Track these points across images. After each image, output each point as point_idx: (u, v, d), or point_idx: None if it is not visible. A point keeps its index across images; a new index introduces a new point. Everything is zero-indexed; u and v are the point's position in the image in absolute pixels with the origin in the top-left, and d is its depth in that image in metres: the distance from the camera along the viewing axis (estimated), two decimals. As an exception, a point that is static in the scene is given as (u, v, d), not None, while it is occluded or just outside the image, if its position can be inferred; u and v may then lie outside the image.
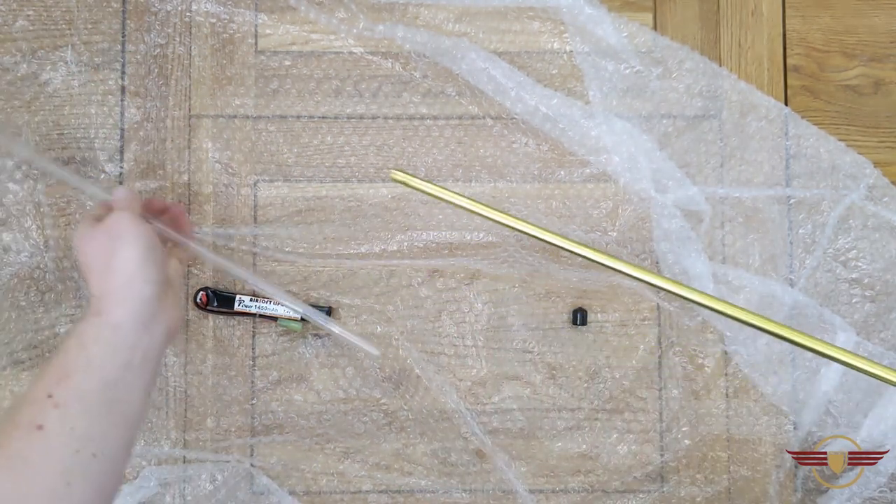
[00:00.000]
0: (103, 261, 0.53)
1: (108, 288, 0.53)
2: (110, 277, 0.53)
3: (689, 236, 0.73)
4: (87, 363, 0.49)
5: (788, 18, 0.77)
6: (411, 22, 0.75)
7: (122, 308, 0.52)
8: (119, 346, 0.51)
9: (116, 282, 0.53)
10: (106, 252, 0.53)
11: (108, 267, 0.53)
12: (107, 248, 0.54)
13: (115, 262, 0.53)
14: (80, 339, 0.50)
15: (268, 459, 0.73)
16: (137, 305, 0.52)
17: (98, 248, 0.54)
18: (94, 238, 0.54)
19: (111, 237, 0.54)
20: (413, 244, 0.74)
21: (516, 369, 0.75)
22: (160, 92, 0.74)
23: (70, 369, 0.48)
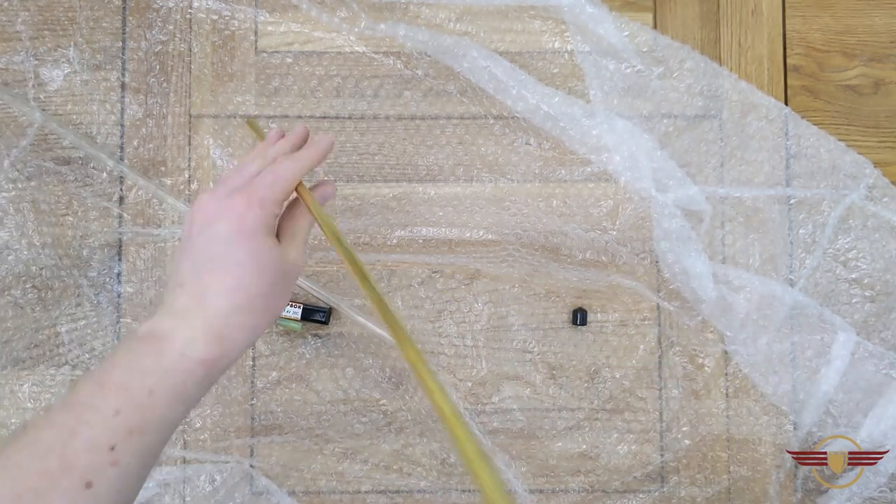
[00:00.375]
0: (234, 273, 0.45)
1: (216, 312, 0.44)
2: (224, 298, 0.44)
3: (689, 236, 0.73)
4: (162, 417, 0.41)
5: (788, 18, 0.78)
6: (413, 21, 0.75)
7: (220, 348, 0.43)
8: (203, 390, 0.44)
9: (226, 307, 0.44)
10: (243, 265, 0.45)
11: (229, 286, 0.44)
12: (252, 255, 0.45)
13: (247, 259, 0.45)
14: (167, 378, 0.41)
15: (267, 460, 0.73)
16: (241, 348, 0.45)
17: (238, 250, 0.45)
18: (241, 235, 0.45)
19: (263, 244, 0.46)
20: (413, 241, 0.74)
21: (516, 369, 0.75)
22: (161, 89, 0.74)
23: (144, 422, 0.40)
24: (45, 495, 0.37)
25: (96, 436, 0.39)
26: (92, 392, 0.40)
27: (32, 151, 0.73)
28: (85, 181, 0.73)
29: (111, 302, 0.73)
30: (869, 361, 0.73)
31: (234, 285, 0.44)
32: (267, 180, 0.48)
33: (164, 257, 0.74)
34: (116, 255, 0.74)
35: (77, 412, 0.39)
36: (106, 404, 0.40)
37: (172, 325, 0.43)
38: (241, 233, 0.45)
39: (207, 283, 0.44)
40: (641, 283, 0.74)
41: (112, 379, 0.41)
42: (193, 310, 0.44)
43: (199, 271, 0.45)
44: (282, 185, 0.48)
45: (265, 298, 0.45)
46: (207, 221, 0.46)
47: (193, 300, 0.44)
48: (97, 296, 0.73)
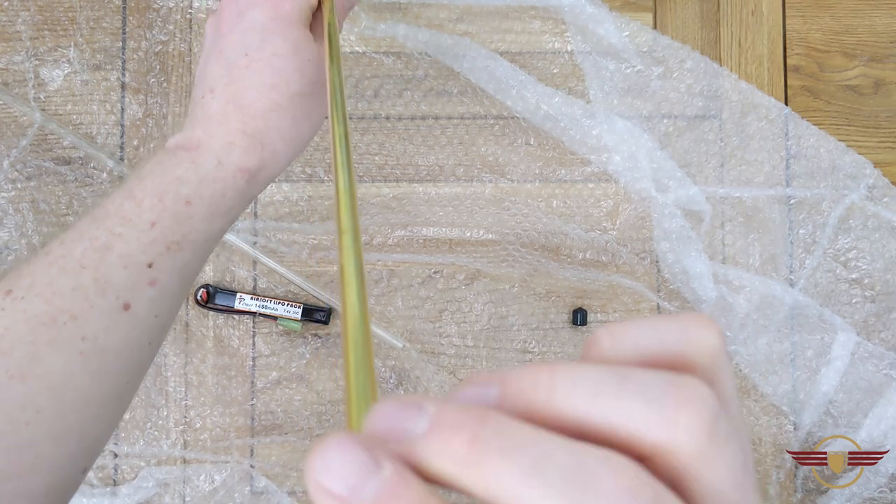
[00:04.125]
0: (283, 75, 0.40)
1: (254, 112, 0.39)
2: (263, 96, 0.39)
3: (689, 236, 0.73)
4: (202, 232, 0.37)
5: (788, 18, 0.78)
6: (413, 21, 0.75)
7: (260, 155, 0.39)
8: (245, 204, 0.40)
9: (264, 105, 0.39)
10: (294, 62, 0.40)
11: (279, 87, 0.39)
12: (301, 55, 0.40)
13: (287, 50, 0.40)
14: (205, 188, 0.37)
15: (267, 460, 0.73)
16: (283, 158, 0.41)
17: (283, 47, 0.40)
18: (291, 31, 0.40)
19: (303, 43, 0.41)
20: (413, 241, 0.74)
21: (516, 369, 0.75)
22: (161, 89, 0.74)
23: (185, 235, 0.36)
24: (81, 318, 0.33)
25: (132, 251, 0.35)
26: (122, 203, 0.36)
27: (32, 151, 0.73)
28: (85, 181, 0.73)
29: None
30: (869, 362, 0.73)
31: (273, 80, 0.39)
32: None
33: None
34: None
35: (109, 224, 0.35)
36: (140, 216, 0.36)
37: (206, 131, 0.39)
38: (279, 20, 0.40)
39: (243, 80, 0.40)
40: (641, 283, 0.74)
41: (145, 189, 0.37)
42: (229, 113, 0.39)
43: (232, 69, 0.40)
44: None
45: (305, 99, 0.41)
46: (240, 11, 0.41)
47: (228, 102, 0.39)
48: (97, 296, 0.73)
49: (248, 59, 0.40)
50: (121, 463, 0.72)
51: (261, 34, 0.40)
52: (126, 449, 0.72)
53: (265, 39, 0.40)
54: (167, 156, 0.38)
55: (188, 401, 0.73)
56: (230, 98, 0.39)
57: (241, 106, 0.39)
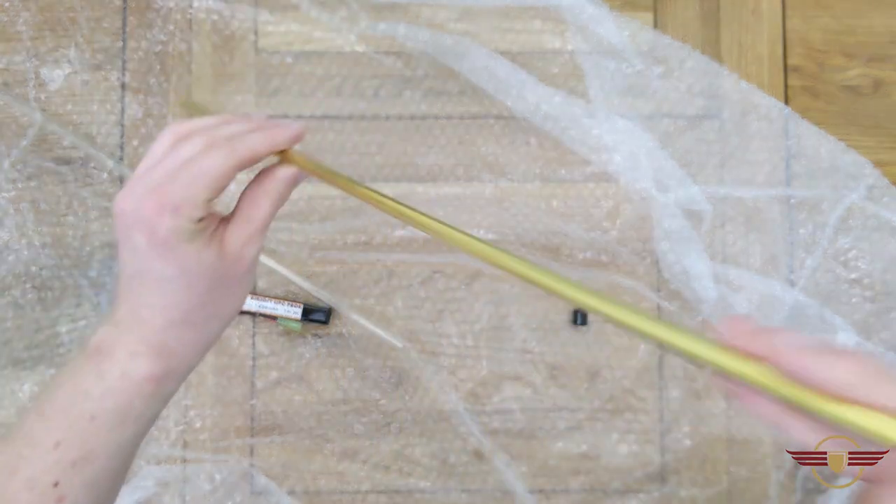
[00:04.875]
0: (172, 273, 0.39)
1: (153, 327, 0.39)
2: (158, 314, 0.39)
3: (689, 236, 0.73)
4: (110, 442, 0.38)
5: (788, 18, 0.78)
6: (413, 20, 0.75)
7: (164, 363, 0.40)
8: (157, 407, 0.41)
9: (161, 323, 0.39)
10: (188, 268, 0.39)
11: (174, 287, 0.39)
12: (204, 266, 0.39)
13: (166, 267, 0.39)
14: (110, 400, 0.38)
15: (267, 460, 0.73)
16: (190, 360, 0.41)
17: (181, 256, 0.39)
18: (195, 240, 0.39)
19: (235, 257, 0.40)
20: (413, 241, 0.74)
21: (517, 369, 0.75)
22: (161, 89, 0.74)
23: (91, 450, 0.37)
24: None
25: (36, 473, 0.36)
26: (33, 422, 0.38)
27: (32, 152, 0.73)
28: (85, 181, 0.73)
29: (111, 302, 0.73)
30: (869, 362, 0.73)
31: (163, 302, 0.39)
32: (185, 178, 0.39)
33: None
34: (116, 255, 0.74)
35: (18, 447, 0.37)
36: (47, 436, 0.37)
37: (115, 338, 0.39)
38: (157, 245, 0.38)
39: (140, 297, 0.40)
40: (642, 282, 0.74)
41: (54, 406, 0.38)
42: (132, 323, 0.40)
43: (130, 284, 0.40)
44: (204, 183, 0.39)
45: (203, 308, 0.41)
46: (126, 229, 0.39)
47: (131, 313, 0.40)
48: (97, 296, 0.73)
49: (140, 278, 0.39)
50: (121, 463, 0.72)
51: (143, 258, 0.39)
52: (126, 449, 0.72)
53: (150, 264, 0.39)
54: (83, 361, 0.39)
55: (188, 401, 0.73)
56: (132, 310, 0.40)
57: (140, 320, 0.39)
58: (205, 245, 0.39)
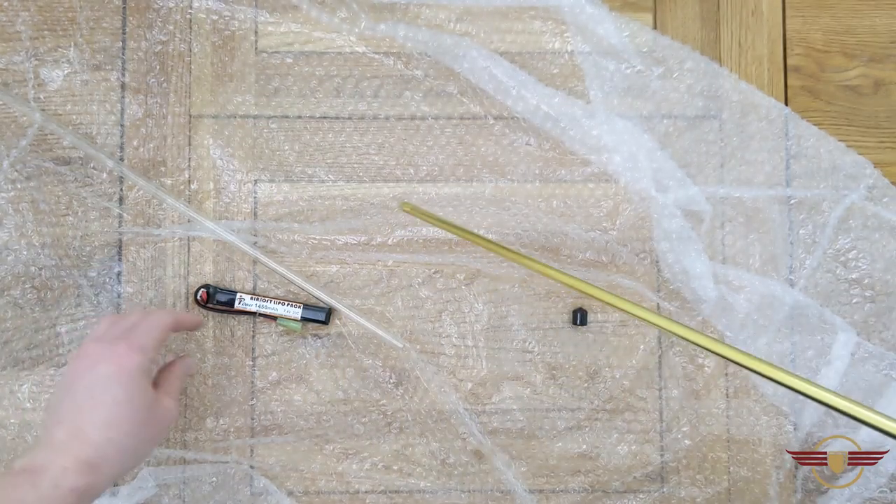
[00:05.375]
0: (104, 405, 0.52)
1: (91, 442, 0.50)
2: (100, 431, 0.50)
3: (689, 236, 0.73)
4: None
5: (788, 18, 0.78)
6: (413, 21, 0.75)
7: (92, 476, 0.49)
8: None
9: (100, 439, 0.50)
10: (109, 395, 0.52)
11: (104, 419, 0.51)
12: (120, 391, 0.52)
13: (129, 398, 0.52)
14: (58, 495, 0.47)
15: (267, 460, 0.73)
16: (112, 477, 0.51)
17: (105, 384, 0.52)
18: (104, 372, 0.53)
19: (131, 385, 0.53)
20: (413, 241, 0.74)
21: (516, 369, 0.75)
22: (161, 89, 0.74)
23: None
24: None
25: None
26: None
27: (32, 152, 0.73)
28: (85, 181, 0.73)
29: (111, 302, 0.73)
30: (869, 362, 0.73)
31: (109, 420, 0.51)
32: (143, 329, 0.57)
33: (164, 257, 0.74)
34: (116, 255, 0.74)
35: None
36: None
37: (48, 457, 0.48)
38: (121, 374, 0.52)
39: (85, 416, 0.50)
40: (642, 283, 0.74)
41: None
42: (69, 443, 0.49)
43: (79, 407, 0.51)
44: (158, 332, 0.58)
45: (136, 437, 0.52)
46: (92, 364, 0.53)
47: (70, 434, 0.49)
48: (97, 296, 0.73)
49: (92, 401, 0.51)
50: (121, 463, 0.72)
51: (105, 384, 0.52)
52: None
53: (108, 388, 0.52)
54: (11, 478, 0.47)
55: (188, 401, 0.73)
56: (73, 430, 0.50)
57: (81, 438, 0.49)
58: (149, 386, 0.55)
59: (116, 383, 0.52)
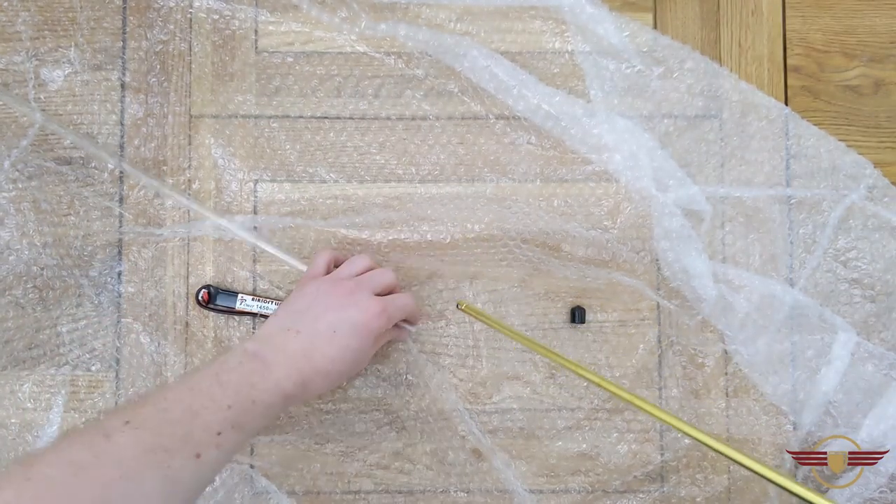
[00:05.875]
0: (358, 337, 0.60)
1: (313, 367, 0.58)
2: (323, 362, 0.58)
3: (689, 235, 0.73)
4: (253, 422, 0.54)
5: (788, 18, 0.78)
6: (413, 21, 0.75)
7: (300, 392, 0.57)
8: (279, 413, 0.58)
9: (320, 368, 0.58)
10: (364, 329, 0.60)
11: (351, 347, 0.59)
12: (369, 326, 0.60)
13: (358, 348, 0.60)
14: (265, 396, 0.54)
15: (267, 459, 0.73)
16: (309, 397, 0.61)
17: (362, 317, 0.60)
18: (367, 304, 0.61)
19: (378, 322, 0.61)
20: (414, 237, 0.74)
21: (516, 369, 0.75)
22: (162, 88, 0.74)
23: (244, 421, 0.53)
24: (171, 452, 0.48)
25: (211, 421, 0.51)
26: (211, 385, 0.53)
27: (33, 151, 0.73)
28: (86, 181, 0.73)
29: (112, 302, 0.73)
30: (869, 362, 0.73)
31: (335, 357, 0.58)
32: (399, 303, 0.65)
33: (165, 257, 0.74)
34: (118, 255, 0.74)
35: (201, 399, 0.52)
36: (223, 399, 0.52)
37: (278, 359, 0.57)
38: (364, 329, 0.60)
39: (321, 344, 0.58)
40: (641, 281, 0.74)
41: (230, 380, 0.54)
42: (299, 359, 0.57)
43: (319, 332, 0.59)
44: (405, 313, 0.67)
45: (342, 376, 0.60)
46: (346, 303, 0.61)
47: (303, 351, 0.58)
48: (98, 296, 0.73)
49: (332, 335, 0.59)
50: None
51: (350, 329, 0.59)
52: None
53: (351, 334, 0.59)
54: (248, 359, 0.56)
55: (189, 400, 0.73)
56: (306, 348, 0.58)
57: (309, 359, 0.57)
58: (374, 346, 0.63)
59: (358, 335, 0.59)
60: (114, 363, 0.73)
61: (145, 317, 0.74)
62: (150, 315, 0.74)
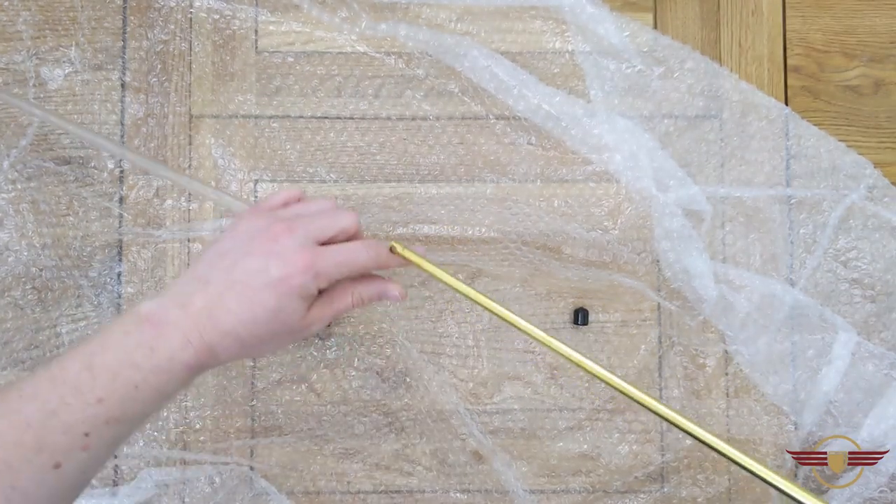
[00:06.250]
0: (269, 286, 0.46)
1: (220, 329, 0.45)
2: (233, 323, 0.46)
3: (690, 235, 0.73)
4: (141, 412, 0.43)
5: (788, 18, 0.78)
6: (414, 21, 0.75)
7: (206, 358, 0.45)
8: (182, 390, 0.47)
9: (229, 330, 0.46)
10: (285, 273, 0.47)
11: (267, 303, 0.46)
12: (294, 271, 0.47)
13: (276, 308, 0.47)
14: (154, 377, 0.43)
15: (267, 460, 0.73)
16: (221, 364, 0.47)
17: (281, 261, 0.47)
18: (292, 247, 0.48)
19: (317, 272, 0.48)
20: (414, 240, 0.74)
21: (517, 369, 0.75)
22: (162, 88, 0.74)
23: (125, 412, 0.42)
24: (15, 469, 0.38)
25: (75, 421, 0.40)
26: (79, 372, 0.42)
27: (32, 152, 0.73)
28: (85, 181, 0.73)
29: (112, 302, 0.73)
30: (870, 361, 0.73)
31: (246, 320, 0.46)
32: (338, 257, 0.50)
33: (164, 258, 0.74)
34: (117, 256, 0.74)
35: (61, 391, 0.41)
36: (92, 390, 0.41)
37: (178, 320, 0.45)
38: (284, 285, 0.47)
39: (230, 301, 0.46)
40: (643, 282, 0.74)
41: (103, 362, 0.42)
42: (202, 318, 0.45)
43: (230, 283, 0.46)
44: (348, 270, 0.51)
45: (261, 341, 0.47)
46: (268, 252, 0.47)
47: (208, 308, 0.45)
48: (98, 296, 0.73)
49: (242, 290, 0.46)
50: (120, 463, 0.72)
51: (266, 283, 0.46)
52: (126, 450, 0.72)
53: (266, 290, 0.46)
54: (136, 327, 0.44)
55: (188, 401, 0.73)
56: (212, 304, 0.46)
57: (215, 320, 0.45)
58: (302, 307, 0.48)
59: (274, 292, 0.46)
60: (113, 364, 0.73)
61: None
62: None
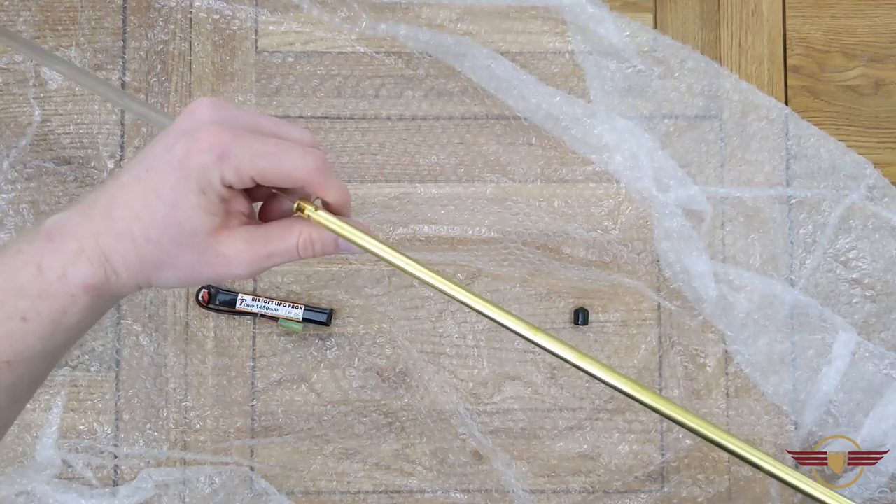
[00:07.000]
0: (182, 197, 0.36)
1: (112, 226, 0.36)
2: (125, 218, 0.36)
3: (690, 235, 0.73)
4: (37, 350, 0.36)
5: (788, 18, 0.78)
6: (413, 21, 0.75)
7: (102, 271, 0.36)
8: (91, 321, 0.38)
9: (121, 226, 0.36)
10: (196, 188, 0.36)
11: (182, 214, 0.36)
12: None
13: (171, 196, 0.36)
14: (43, 304, 0.35)
15: (267, 461, 0.73)
16: (122, 283, 0.38)
17: None
18: None
19: None
20: (414, 240, 0.74)
21: (517, 369, 0.75)
22: (162, 88, 0.74)
23: (17, 353, 0.35)
24: None
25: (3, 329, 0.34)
26: None
27: (32, 152, 0.73)
28: (85, 181, 0.73)
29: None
30: (869, 361, 0.73)
31: (140, 211, 0.36)
32: (263, 148, 0.37)
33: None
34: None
35: None
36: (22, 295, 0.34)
37: (77, 223, 0.37)
38: (183, 166, 0.36)
39: (127, 192, 0.37)
40: (643, 282, 0.74)
41: None
42: (99, 220, 0.37)
43: (133, 175, 0.37)
44: (267, 167, 0.37)
45: (159, 248, 0.37)
46: (178, 133, 0.37)
47: (106, 207, 0.37)
48: (97, 296, 0.73)
49: (143, 175, 0.37)
50: (120, 464, 0.72)
51: (165, 164, 0.36)
52: (126, 450, 0.72)
53: (163, 172, 0.36)
54: (30, 244, 0.36)
55: (188, 402, 0.73)
56: (112, 201, 0.37)
57: (111, 216, 0.37)
58: (206, 214, 0.37)
59: (172, 172, 0.36)
60: (114, 364, 0.73)
61: (145, 318, 0.73)
62: (150, 316, 0.73)
